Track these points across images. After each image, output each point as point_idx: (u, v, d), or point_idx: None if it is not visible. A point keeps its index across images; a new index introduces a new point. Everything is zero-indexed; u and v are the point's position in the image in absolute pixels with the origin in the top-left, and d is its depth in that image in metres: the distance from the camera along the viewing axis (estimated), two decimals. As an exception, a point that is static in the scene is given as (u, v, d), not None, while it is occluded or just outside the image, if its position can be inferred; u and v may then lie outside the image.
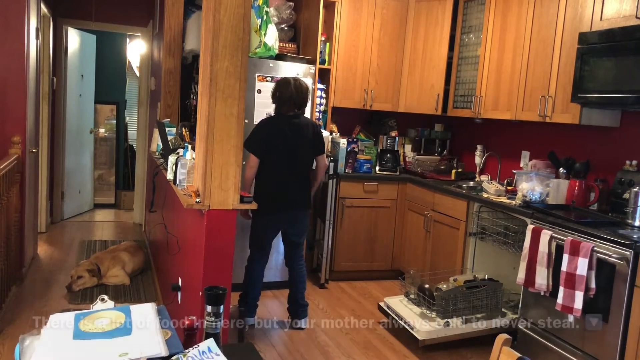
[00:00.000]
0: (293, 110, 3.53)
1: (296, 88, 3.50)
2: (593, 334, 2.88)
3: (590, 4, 3.37)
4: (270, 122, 3.57)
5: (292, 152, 3.50)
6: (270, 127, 3.51)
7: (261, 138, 3.46)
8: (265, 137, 3.46)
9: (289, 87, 3.49)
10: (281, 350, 3.41)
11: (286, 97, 3.49)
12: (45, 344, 1.24)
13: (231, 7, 2.58)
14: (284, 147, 3.48)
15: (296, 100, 3.50)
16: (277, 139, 3.47)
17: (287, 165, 3.51)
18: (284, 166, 3.51)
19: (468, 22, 4.66)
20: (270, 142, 3.46)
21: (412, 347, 3.51)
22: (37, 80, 4.74)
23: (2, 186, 3.39)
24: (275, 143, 3.46)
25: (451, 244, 4.17)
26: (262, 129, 3.50)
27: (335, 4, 4.77)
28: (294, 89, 3.49)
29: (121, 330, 1.29)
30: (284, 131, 3.48)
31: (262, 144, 3.45)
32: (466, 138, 5.16)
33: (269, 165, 3.49)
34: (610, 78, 3.13)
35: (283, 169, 3.51)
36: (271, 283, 4.49)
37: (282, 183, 3.53)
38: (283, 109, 3.53)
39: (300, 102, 3.53)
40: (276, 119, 3.56)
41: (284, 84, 3.52)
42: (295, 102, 3.51)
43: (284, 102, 3.51)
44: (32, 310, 3.71)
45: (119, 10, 6.14)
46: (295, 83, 3.51)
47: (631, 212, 3.09)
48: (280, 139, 3.47)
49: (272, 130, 3.48)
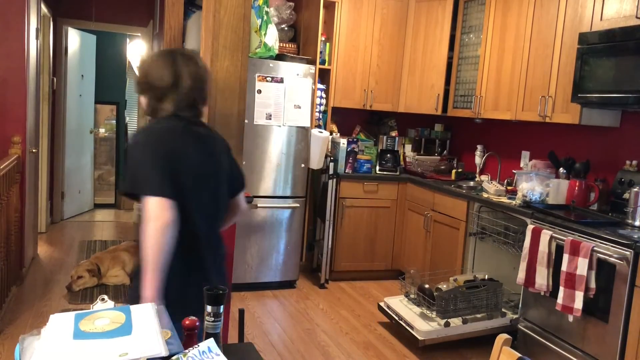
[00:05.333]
0: (191, 110, 1.79)
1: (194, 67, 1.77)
2: (593, 334, 2.88)
3: (590, 4, 3.37)
4: (167, 130, 1.73)
5: (206, 189, 1.78)
6: (173, 141, 1.71)
7: (163, 162, 1.66)
8: (171, 158, 1.68)
9: (175, 63, 1.74)
10: (281, 350, 3.41)
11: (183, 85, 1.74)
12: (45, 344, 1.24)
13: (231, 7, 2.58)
14: (196, 182, 1.73)
15: (198, 91, 1.78)
16: (186, 165, 1.71)
17: (204, 218, 1.77)
18: (200, 219, 1.74)
19: (468, 22, 4.65)
20: (179, 169, 1.68)
21: (412, 347, 3.51)
22: (37, 80, 4.74)
23: (2, 186, 3.39)
24: (186, 173, 1.71)
25: (451, 244, 4.17)
26: (160, 142, 1.69)
27: (335, 4, 4.77)
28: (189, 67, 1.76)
29: (121, 330, 1.28)
30: (189, 150, 1.73)
31: (171, 173, 1.65)
32: (466, 138, 5.16)
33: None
34: (610, 78, 3.13)
35: (199, 226, 1.75)
36: (271, 283, 4.50)
37: (199, 256, 1.76)
38: (171, 107, 1.74)
39: (203, 95, 1.82)
40: (172, 126, 1.74)
41: (167, 55, 1.79)
42: (199, 93, 1.79)
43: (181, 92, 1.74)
44: (32, 310, 3.71)
45: (119, 10, 6.14)
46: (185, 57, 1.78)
47: (631, 212, 3.09)
48: (191, 166, 1.73)
49: (176, 147, 1.71)
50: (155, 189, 1.60)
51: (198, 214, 1.72)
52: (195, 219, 1.71)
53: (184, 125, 1.75)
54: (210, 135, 1.84)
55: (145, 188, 1.61)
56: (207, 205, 1.76)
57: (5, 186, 3.48)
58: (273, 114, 4.31)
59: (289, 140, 4.40)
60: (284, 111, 4.34)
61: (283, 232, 4.48)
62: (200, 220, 1.73)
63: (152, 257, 1.56)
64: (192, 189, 1.70)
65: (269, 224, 4.43)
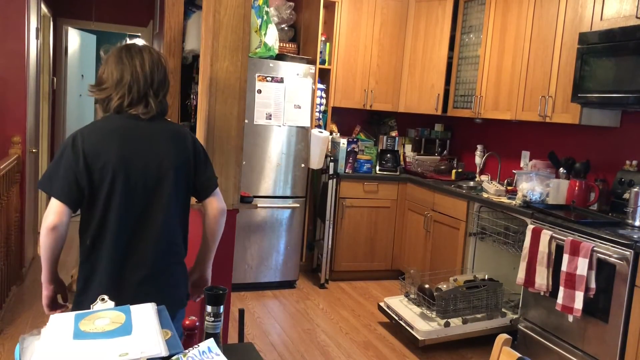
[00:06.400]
0: (143, 106, 1.76)
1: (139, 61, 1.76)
2: (593, 334, 2.88)
3: (590, 4, 3.37)
4: (98, 128, 1.76)
5: (128, 185, 1.72)
6: (97, 140, 1.72)
7: (75, 163, 1.68)
8: (90, 156, 1.69)
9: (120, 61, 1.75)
10: (281, 350, 3.41)
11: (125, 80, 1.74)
12: (45, 344, 1.24)
13: (231, 7, 2.58)
14: (114, 178, 1.71)
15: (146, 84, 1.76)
16: (104, 162, 1.70)
17: (122, 212, 1.73)
18: (121, 221, 1.73)
19: (468, 22, 4.65)
20: (95, 166, 1.69)
21: (412, 347, 3.51)
22: (37, 80, 4.74)
23: (2, 186, 3.39)
24: (103, 169, 1.70)
25: (451, 244, 4.17)
26: (83, 141, 1.70)
27: (335, 4, 4.77)
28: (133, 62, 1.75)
29: (121, 330, 1.28)
30: (113, 147, 1.72)
31: (84, 172, 1.68)
32: (466, 138, 5.16)
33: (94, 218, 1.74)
34: (610, 78, 3.13)
35: (120, 227, 1.73)
36: (271, 283, 4.50)
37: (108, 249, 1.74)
38: (116, 104, 1.75)
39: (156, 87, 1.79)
40: (106, 124, 1.76)
41: (112, 55, 1.78)
42: (149, 86, 1.77)
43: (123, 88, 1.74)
44: (32, 310, 3.71)
45: (119, 10, 6.14)
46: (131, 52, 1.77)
47: (631, 212, 3.09)
48: (110, 162, 1.70)
49: (98, 145, 1.71)
50: (52, 190, 1.68)
51: (113, 208, 1.71)
52: (109, 213, 1.71)
53: (122, 123, 1.74)
54: (156, 132, 1.77)
55: (47, 187, 1.70)
56: (128, 201, 1.71)
57: (5, 186, 3.48)
58: (273, 114, 4.31)
59: (289, 140, 4.40)
60: (284, 111, 4.34)
61: (283, 232, 4.48)
62: (115, 215, 1.71)
63: (41, 252, 1.73)
64: (108, 184, 1.69)
65: (269, 224, 4.43)
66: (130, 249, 1.74)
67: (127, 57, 1.75)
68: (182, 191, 1.81)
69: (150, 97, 1.75)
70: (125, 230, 1.73)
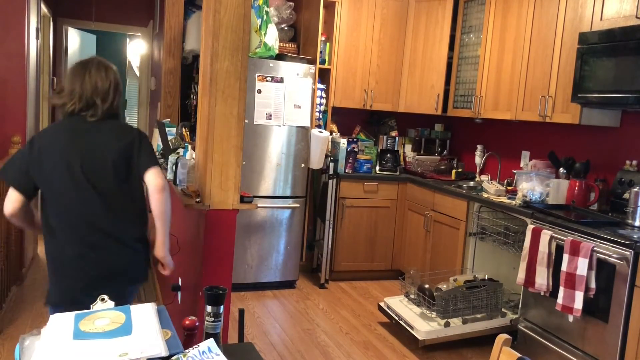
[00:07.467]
0: (91, 109, 2.10)
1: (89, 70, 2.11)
2: (593, 334, 2.88)
3: (590, 4, 3.37)
4: (52, 126, 2.27)
5: (69, 176, 2.04)
6: (47, 136, 2.12)
7: (29, 155, 2.07)
8: (40, 150, 2.06)
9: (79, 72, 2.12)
10: (281, 350, 3.41)
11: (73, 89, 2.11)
12: (45, 344, 1.24)
13: (231, 7, 2.58)
14: (55, 170, 2.05)
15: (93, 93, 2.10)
16: (48, 156, 2.06)
17: (62, 203, 2.06)
18: (55, 203, 2.08)
19: (468, 22, 4.65)
20: (41, 160, 2.05)
21: (412, 347, 3.51)
22: (37, 80, 4.74)
23: (2, 186, 3.39)
24: (46, 162, 2.05)
25: (451, 244, 4.17)
26: (38, 137, 2.13)
27: (335, 4, 4.77)
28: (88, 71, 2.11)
29: (121, 330, 1.28)
30: (59, 142, 2.07)
31: (34, 162, 2.05)
32: (466, 138, 5.16)
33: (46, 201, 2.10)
34: (610, 78, 3.13)
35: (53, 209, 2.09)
36: (271, 283, 4.49)
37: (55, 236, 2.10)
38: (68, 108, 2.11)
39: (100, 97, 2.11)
40: (59, 123, 2.19)
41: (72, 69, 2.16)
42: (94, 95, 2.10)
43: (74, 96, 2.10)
44: (32, 310, 3.71)
45: (119, 10, 6.14)
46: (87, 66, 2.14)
47: (631, 212, 3.09)
48: (54, 156, 2.06)
49: (47, 140, 2.09)
50: (7, 177, 2.11)
51: (54, 199, 2.07)
52: (51, 203, 2.08)
53: (72, 123, 2.11)
54: (101, 130, 2.11)
55: (2, 175, 2.17)
56: (68, 191, 2.05)
57: (5, 186, 3.48)
58: (273, 114, 4.31)
59: (289, 140, 4.40)
60: (284, 111, 4.34)
61: (283, 232, 4.48)
62: (56, 204, 2.07)
63: None
64: (50, 176, 2.05)
65: (269, 224, 4.43)
66: (76, 227, 2.07)
67: (80, 71, 2.12)
68: (123, 174, 2.12)
69: (98, 103, 2.10)
70: (71, 209, 2.06)
